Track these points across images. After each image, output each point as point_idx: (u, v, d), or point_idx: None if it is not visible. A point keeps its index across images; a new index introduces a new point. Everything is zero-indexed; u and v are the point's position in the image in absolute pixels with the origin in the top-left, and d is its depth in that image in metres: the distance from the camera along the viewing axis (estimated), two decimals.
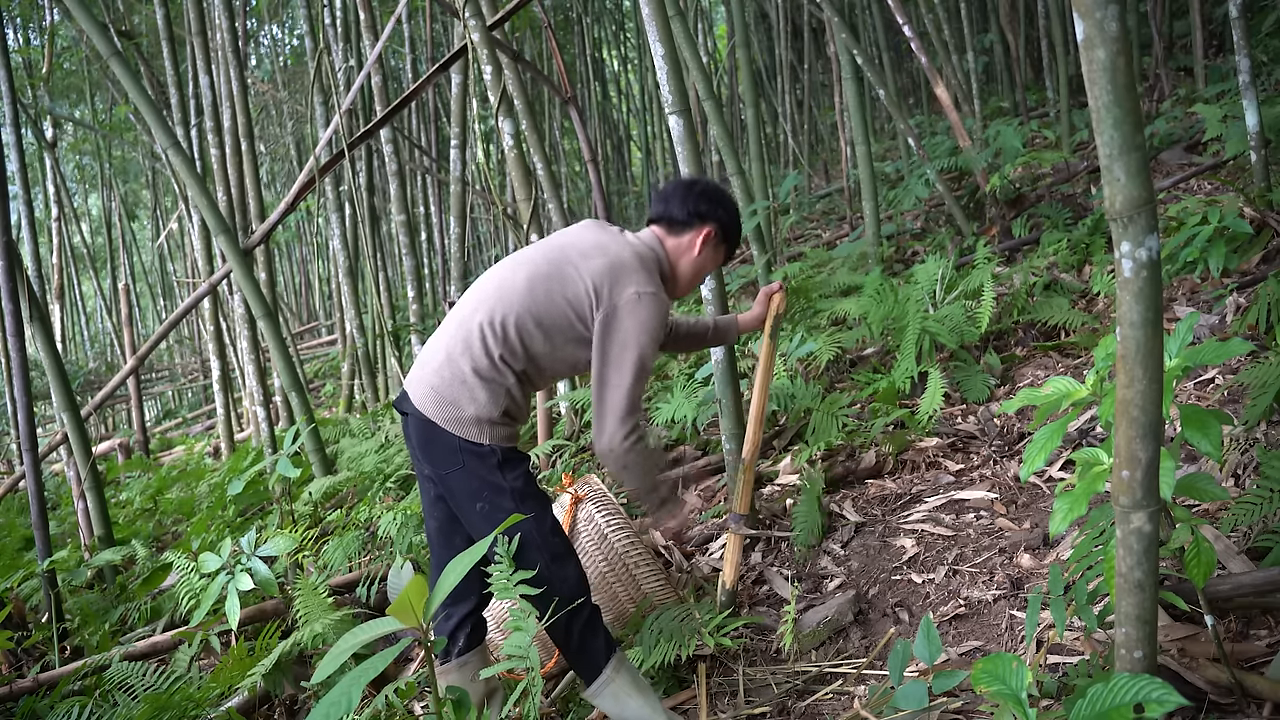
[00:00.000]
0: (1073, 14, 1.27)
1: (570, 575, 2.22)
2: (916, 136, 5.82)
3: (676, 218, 2.36)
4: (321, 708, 1.47)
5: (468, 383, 2.15)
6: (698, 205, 2.36)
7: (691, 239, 2.36)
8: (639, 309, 2.15)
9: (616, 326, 2.15)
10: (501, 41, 4.35)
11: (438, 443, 2.18)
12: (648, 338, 2.16)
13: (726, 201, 2.41)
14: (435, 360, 2.22)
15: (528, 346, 2.19)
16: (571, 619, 2.20)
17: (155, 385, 15.58)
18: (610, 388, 2.14)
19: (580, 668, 2.26)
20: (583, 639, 2.23)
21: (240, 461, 5.97)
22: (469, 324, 2.20)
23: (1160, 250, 1.33)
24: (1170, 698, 1.29)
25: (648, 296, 2.17)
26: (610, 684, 2.22)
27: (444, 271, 8.66)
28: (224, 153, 6.39)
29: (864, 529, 3.13)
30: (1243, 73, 4.06)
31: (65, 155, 13.86)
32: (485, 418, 2.15)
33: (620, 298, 2.15)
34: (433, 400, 2.18)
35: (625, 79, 15.05)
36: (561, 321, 2.19)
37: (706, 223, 2.36)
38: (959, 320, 4.05)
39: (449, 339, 2.23)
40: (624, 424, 2.14)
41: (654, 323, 2.17)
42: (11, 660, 3.65)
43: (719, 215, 2.38)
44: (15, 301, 4.05)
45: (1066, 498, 1.76)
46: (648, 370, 2.18)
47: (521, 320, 2.18)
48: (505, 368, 2.17)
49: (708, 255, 2.40)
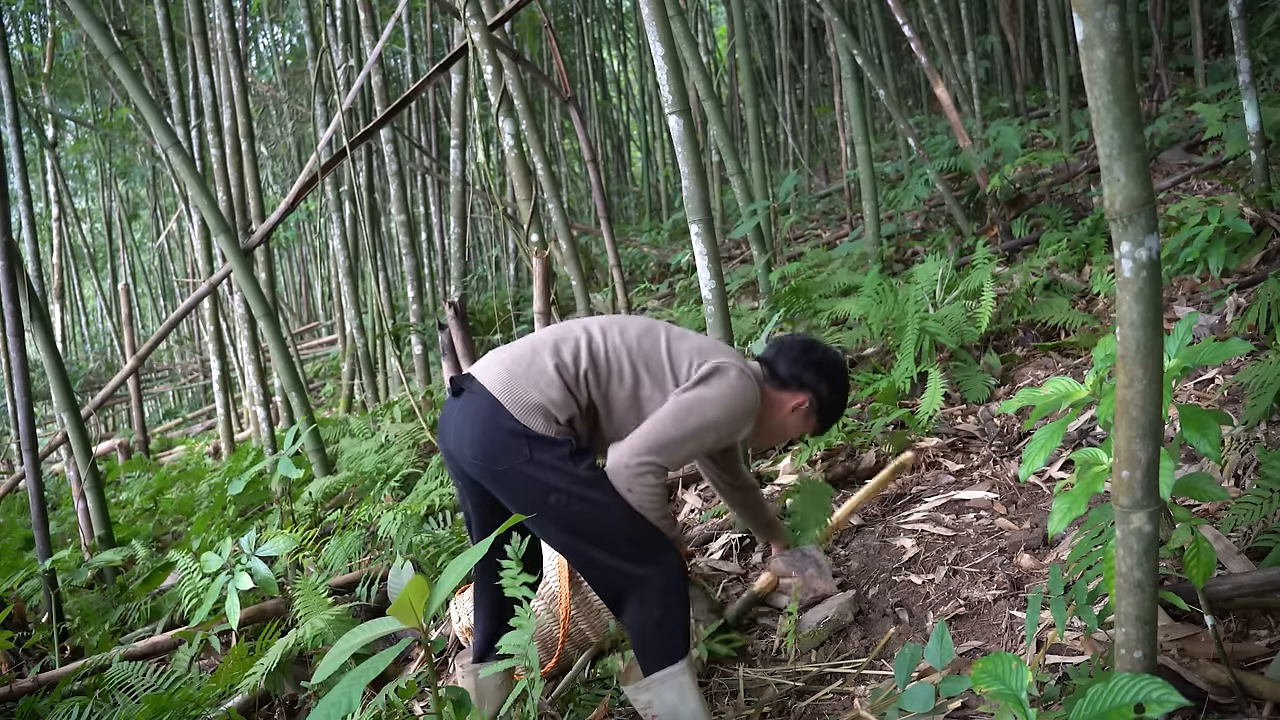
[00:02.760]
0: (1073, 14, 1.27)
1: (669, 557, 2.13)
2: (916, 136, 5.82)
3: (779, 373, 2.33)
4: (322, 708, 1.47)
5: (546, 374, 2.09)
6: (803, 372, 2.33)
7: (785, 399, 2.33)
8: (737, 383, 2.11)
9: (708, 382, 2.10)
10: (502, 41, 4.35)
11: (499, 431, 2.06)
12: (731, 408, 2.10)
13: (834, 378, 2.35)
14: (518, 349, 2.17)
15: (611, 379, 2.13)
16: (666, 600, 2.10)
17: (155, 385, 15.57)
18: (662, 420, 2.07)
19: (653, 652, 2.13)
20: (671, 625, 2.12)
21: (240, 461, 5.97)
22: (568, 334, 2.17)
23: (1160, 250, 1.33)
24: (1171, 698, 1.29)
25: (749, 378, 2.13)
26: (680, 676, 2.13)
27: (444, 271, 8.66)
28: (224, 153, 6.39)
29: (864, 529, 3.13)
30: (1243, 73, 4.06)
31: (67, 154, 13.86)
32: (553, 414, 2.07)
33: (726, 365, 2.12)
34: (504, 380, 2.09)
35: (625, 79, 15.04)
36: (656, 368, 2.14)
37: (805, 391, 2.33)
38: (959, 320, 4.05)
39: (540, 337, 2.18)
40: (647, 454, 2.06)
41: (743, 402, 2.12)
42: (11, 660, 3.65)
43: (820, 390, 2.33)
44: (15, 301, 4.05)
45: (1066, 498, 1.76)
46: (707, 440, 2.11)
47: (619, 351, 2.14)
48: (585, 385, 2.11)
49: (795, 421, 2.37)
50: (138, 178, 14.85)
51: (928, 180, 5.86)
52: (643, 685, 2.15)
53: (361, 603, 3.48)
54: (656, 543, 2.13)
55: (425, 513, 3.73)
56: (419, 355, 6.81)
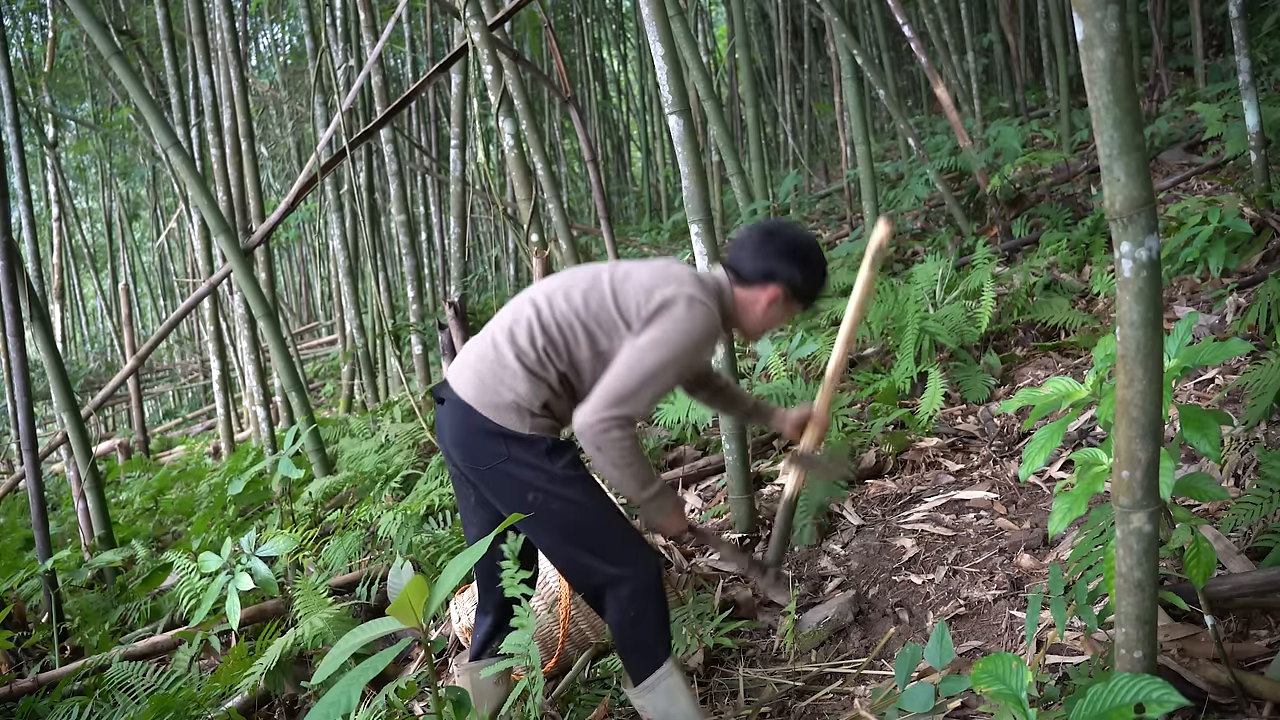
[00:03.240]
0: (1073, 14, 1.27)
1: (646, 559, 2.13)
2: (916, 136, 5.82)
3: (745, 271, 2.20)
4: (321, 707, 1.47)
5: (510, 368, 2.07)
6: (768, 263, 2.17)
7: (757, 295, 2.20)
8: (688, 312, 2.03)
9: (659, 318, 2.02)
10: (502, 41, 4.35)
11: (477, 433, 2.08)
12: (685, 344, 2.03)
13: (803, 257, 2.20)
14: (481, 346, 2.16)
15: (570, 347, 2.09)
16: (644, 603, 2.11)
17: (155, 385, 15.57)
18: (619, 370, 2.02)
19: (636, 659, 2.16)
20: (647, 628, 2.12)
21: (240, 461, 5.97)
22: (519, 314, 2.14)
23: (1160, 250, 1.33)
24: (1171, 698, 1.29)
25: (700, 305, 2.04)
26: (667, 679, 2.14)
27: (444, 271, 8.66)
28: (224, 153, 6.39)
29: (864, 529, 3.13)
30: (1243, 73, 4.06)
31: (68, 153, 13.86)
32: (525, 407, 2.06)
33: (674, 295, 2.04)
34: (474, 385, 2.10)
35: (625, 79, 15.04)
36: (604, 317, 2.08)
37: (775, 282, 2.18)
38: (959, 320, 4.05)
39: (498, 327, 2.16)
40: (612, 408, 1.99)
41: (697, 333, 2.04)
42: (11, 660, 3.65)
43: (790, 275, 2.17)
44: (15, 301, 4.05)
45: (1066, 498, 1.76)
46: (667, 379, 2.04)
47: (568, 317, 2.09)
48: (549, 362, 2.08)
49: (776, 313, 2.23)
50: (138, 178, 14.85)
51: (928, 180, 5.86)
52: (634, 693, 2.19)
53: (361, 603, 3.48)
54: (632, 543, 2.15)
55: (425, 513, 3.74)
56: (419, 355, 6.81)
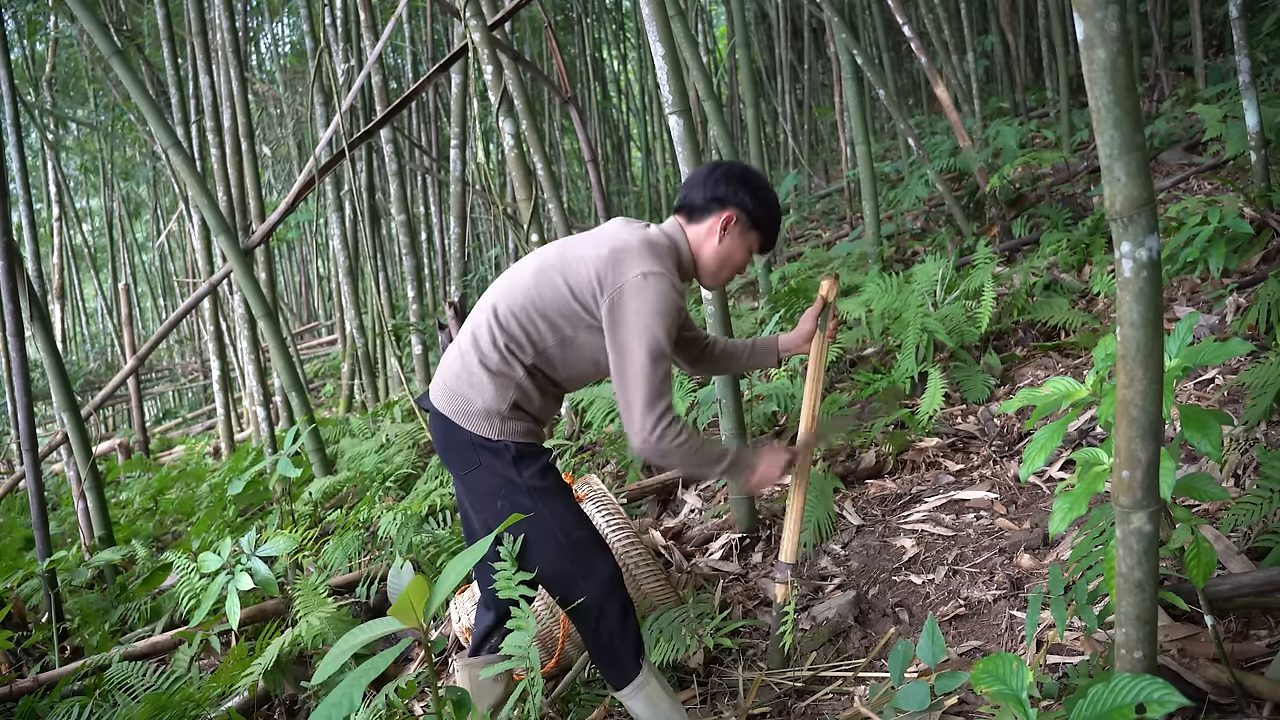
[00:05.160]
0: (1073, 14, 1.27)
1: (598, 573, 2.15)
2: (916, 136, 5.82)
3: (696, 204, 2.20)
4: (323, 708, 1.47)
5: (475, 374, 2.11)
6: (716, 189, 2.17)
7: (711, 225, 2.19)
8: (644, 289, 2.03)
9: (623, 311, 2.03)
10: (502, 41, 4.35)
11: (454, 440, 2.13)
12: (658, 320, 2.03)
13: (753, 183, 2.20)
14: (451, 355, 2.19)
15: (532, 338, 2.11)
16: (600, 619, 2.14)
17: (155, 385, 15.58)
18: (628, 379, 2.03)
19: (609, 670, 2.20)
20: (611, 640, 2.16)
21: (240, 461, 5.97)
22: (479, 320, 2.16)
23: (1160, 250, 1.33)
24: (1171, 698, 1.29)
25: (654, 276, 2.04)
26: (644, 688, 2.17)
27: (444, 271, 8.66)
28: (224, 152, 6.39)
29: (864, 529, 3.13)
30: (1243, 73, 4.06)
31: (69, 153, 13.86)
32: (495, 410, 2.09)
33: (624, 280, 2.04)
34: (446, 395, 2.14)
35: (625, 79, 15.04)
36: (564, 309, 2.09)
37: (726, 207, 2.17)
38: (959, 320, 4.05)
39: (464, 334, 2.19)
40: (650, 413, 2.00)
41: (663, 304, 2.04)
42: (11, 660, 3.65)
43: (741, 199, 2.17)
44: (15, 301, 4.05)
45: (1066, 498, 1.75)
46: (664, 354, 2.04)
47: (524, 309, 2.10)
48: (513, 359, 2.10)
49: (732, 243, 2.21)
50: (139, 178, 14.86)
51: (928, 180, 5.86)
52: (620, 696, 2.21)
53: (361, 603, 3.48)
54: (589, 551, 2.17)
55: (425, 513, 3.74)
56: (419, 355, 6.81)
